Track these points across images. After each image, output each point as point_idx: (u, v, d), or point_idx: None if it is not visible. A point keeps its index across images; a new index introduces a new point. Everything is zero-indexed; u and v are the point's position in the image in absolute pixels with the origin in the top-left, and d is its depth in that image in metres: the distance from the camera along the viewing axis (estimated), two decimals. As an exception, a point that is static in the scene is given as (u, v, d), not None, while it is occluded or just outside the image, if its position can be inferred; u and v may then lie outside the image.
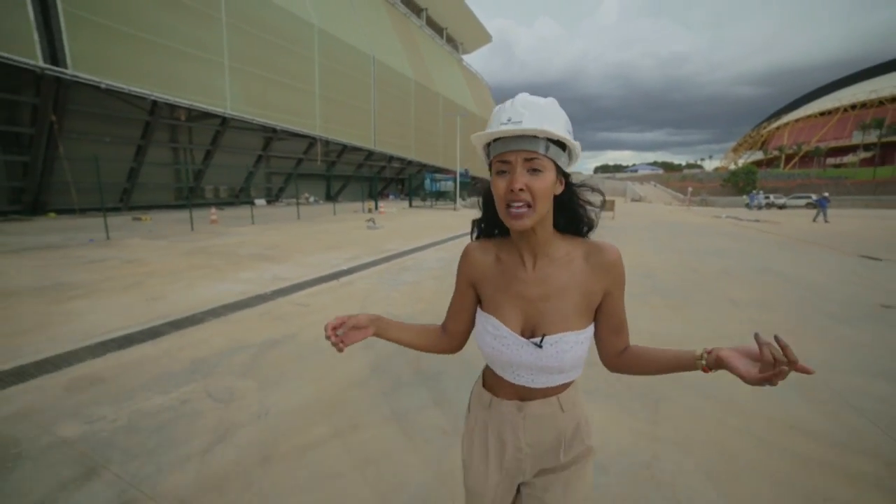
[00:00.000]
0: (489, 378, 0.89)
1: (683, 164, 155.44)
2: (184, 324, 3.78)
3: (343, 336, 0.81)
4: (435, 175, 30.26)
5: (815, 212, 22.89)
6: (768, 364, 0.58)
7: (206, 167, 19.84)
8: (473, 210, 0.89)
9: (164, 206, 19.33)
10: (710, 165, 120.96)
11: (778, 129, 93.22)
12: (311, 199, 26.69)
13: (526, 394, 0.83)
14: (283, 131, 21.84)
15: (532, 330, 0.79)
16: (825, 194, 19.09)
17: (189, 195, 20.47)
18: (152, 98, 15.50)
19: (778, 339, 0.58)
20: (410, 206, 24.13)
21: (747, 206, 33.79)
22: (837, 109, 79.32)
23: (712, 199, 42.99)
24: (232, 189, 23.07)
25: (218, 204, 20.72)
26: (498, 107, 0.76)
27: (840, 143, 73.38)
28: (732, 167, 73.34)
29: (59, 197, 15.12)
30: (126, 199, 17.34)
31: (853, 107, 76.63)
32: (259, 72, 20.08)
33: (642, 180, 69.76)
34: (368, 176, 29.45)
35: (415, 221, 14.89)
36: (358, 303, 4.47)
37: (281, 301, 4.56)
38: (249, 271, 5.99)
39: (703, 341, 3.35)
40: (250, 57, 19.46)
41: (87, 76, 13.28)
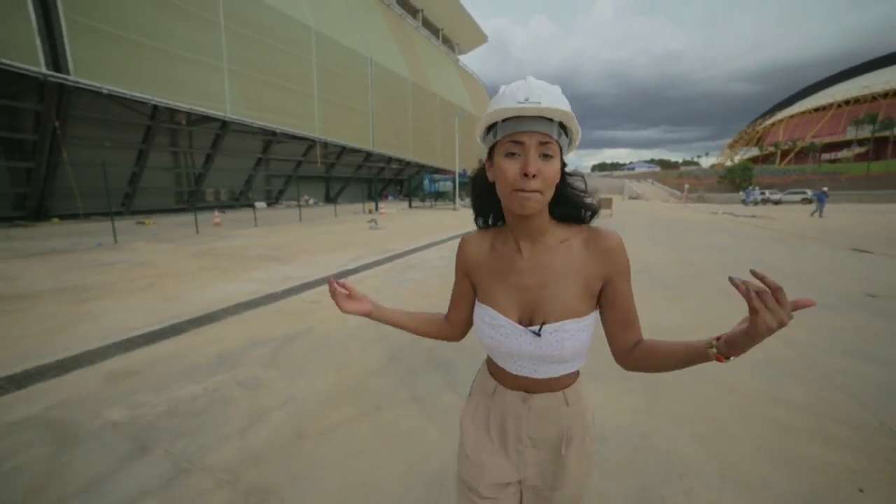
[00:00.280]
0: (493, 367, 0.88)
1: (680, 161, 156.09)
2: (202, 321, 3.97)
3: (342, 297, 0.88)
4: (434, 175, 30.47)
5: (811, 207, 23.16)
6: (756, 304, 0.53)
7: (206, 171, 19.98)
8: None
9: (166, 210, 19.46)
10: (706, 162, 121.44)
11: (773, 125, 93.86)
12: (311, 202, 26.85)
13: (530, 385, 0.81)
14: (283, 134, 21.99)
15: (530, 318, 0.77)
16: (824, 189, 19.24)
17: (190, 199, 20.69)
18: (153, 103, 15.62)
19: (753, 272, 0.55)
20: (410, 206, 24.30)
21: (743, 202, 34.16)
22: (831, 105, 79.97)
23: (709, 195, 43.33)
24: (232, 192, 23.21)
25: (218, 207, 20.86)
26: (506, 86, 0.71)
27: (834, 138, 73.94)
28: (729, 164, 73.74)
29: (61, 202, 15.24)
30: (128, 203, 17.48)
31: (847, 102, 77.28)
32: (258, 75, 20.23)
33: (639, 178, 70.13)
34: (367, 177, 29.63)
35: (416, 222, 15.07)
36: (368, 299, 4.65)
37: (292, 299, 4.74)
38: (258, 272, 6.17)
39: (699, 330, 3.55)
40: (249, 60, 19.62)
41: (88, 82, 13.41)
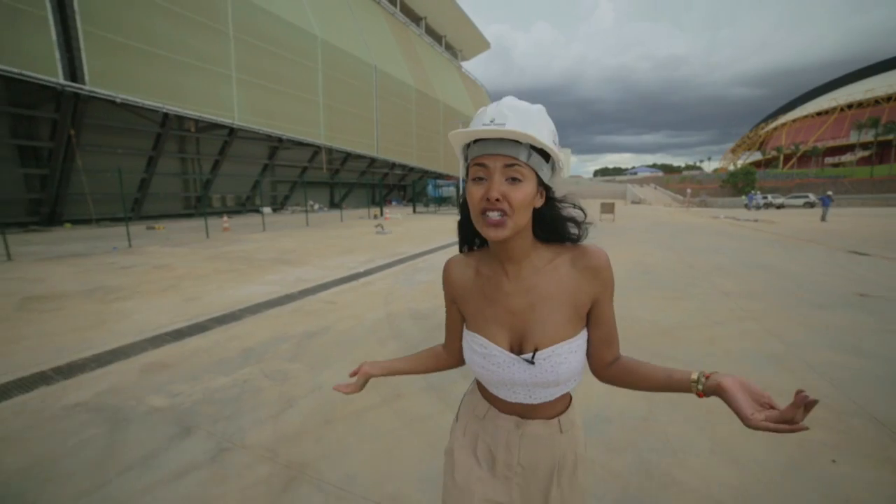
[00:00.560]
0: (486, 389, 0.84)
1: (682, 165, 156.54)
2: (225, 320, 4.18)
3: (348, 386, 0.93)
4: (437, 181, 30.76)
5: (814, 211, 23.20)
6: (784, 419, 0.53)
7: (214, 176, 20.36)
8: None
9: (174, 216, 19.83)
10: (709, 167, 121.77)
11: (776, 129, 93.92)
12: (316, 207, 27.17)
13: (525, 411, 0.78)
14: (289, 140, 22.38)
15: (521, 344, 0.74)
16: (828, 193, 19.34)
17: (197, 204, 21.05)
18: (164, 110, 16.03)
19: (809, 402, 0.52)
20: (414, 211, 24.56)
21: (746, 206, 34.25)
22: (834, 109, 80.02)
23: (711, 200, 43.43)
24: (239, 197, 23.59)
25: (225, 212, 21.20)
26: (482, 108, 0.71)
27: (837, 142, 73.99)
28: (731, 168, 73.87)
29: (73, 208, 15.61)
30: (137, 209, 17.83)
31: (849, 106, 77.34)
32: (265, 83, 20.66)
33: (642, 182, 70.28)
34: (372, 183, 29.98)
35: (421, 226, 15.31)
36: (381, 299, 4.86)
37: (309, 299, 4.95)
38: (273, 274, 6.40)
39: (697, 328, 3.73)
40: (256, 69, 20.06)
41: (103, 91, 13.82)
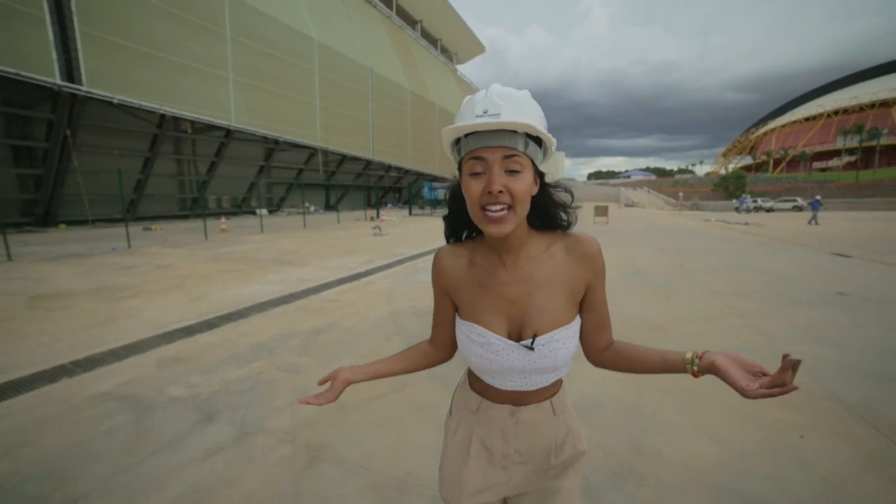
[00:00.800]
0: (476, 382, 0.84)
1: (675, 169, 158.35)
2: (233, 317, 4.31)
3: (322, 396, 0.80)
4: (433, 183, 30.96)
5: (802, 214, 23.74)
6: (776, 384, 0.56)
7: (210, 178, 20.36)
8: None
9: (169, 217, 19.80)
10: (701, 170, 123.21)
11: (765, 134, 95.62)
12: (312, 209, 27.22)
13: (519, 398, 0.79)
14: (285, 142, 22.46)
15: (519, 331, 0.75)
16: (817, 197, 19.87)
17: (193, 206, 21.02)
18: (161, 112, 16.06)
19: (794, 363, 0.55)
20: (410, 213, 24.72)
21: (737, 209, 34.93)
22: (821, 115, 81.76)
23: (703, 203, 44.13)
24: (234, 199, 23.60)
25: (220, 214, 21.20)
26: (469, 97, 0.68)
27: (825, 147, 75.48)
28: (723, 172, 74.99)
29: (68, 209, 15.56)
30: (133, 210, 17.80)
31: (836, 112, 79.05)
32: (262, 85, 20.75)
33: (635, 186, 71.13)
34: (367, 185, 30.09)
35: (418, 228, 15.47)
36: (383, 298, 5.02)
37: (312, 298, 5.09)
38: (275, 274, 6.52)
39: (685, 323, 3.94)
40: (254, 71, 20.15)
41: (100, 92, 13.84)
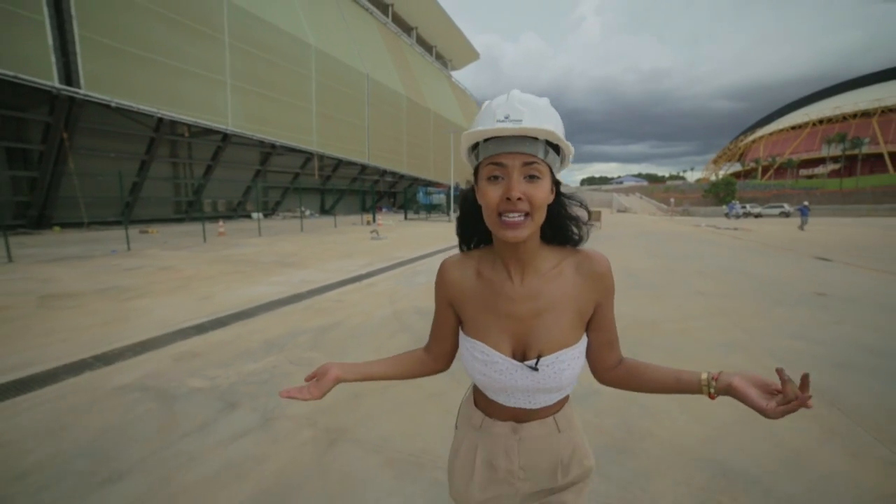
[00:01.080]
0: (480, 398, 0.82)
1: (667, 175, 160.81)
2: (241, 316, 4.45)
3: (307, 390, 0.76)
4: (428, 189, 31.17)
5: (789, 220, 24.32)
6: (788, 399, 0.57)
7: (206, 182, 20.38)
8: None
9: (165, 220, 19.76)
10: (692, 177, 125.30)
11: (754, 141, 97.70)
12: (308, 213, 27.27)
13: (522, 415, 0.77)
14: (282, 147, 22.56)
15: (524, 351, 0.73)
16: (805, 203, 20.39)
17: (188, 209, 21.00)
18: (158, 115, 16.10)
19: (804, 377, 0.56)
20: (406, 218, 24.90)
21: (726, 215, 35.70)
22: (807, 124, 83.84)
23: (694, 209, 44.94)
24: (230, 203, 23.59)
25: (216, 217, 21.19)
26: (488, 102, 0.68)
27: (810, 155, 77.38)
28: (713, 178, 76.36)
29: (62, 211, 15.49)
30: (128, 213, 17.75)
31: (820, 121, 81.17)
32: (259, 90, 20.88)
33: (627, 192, 72.09)
34: (363, 189, 30.24)
35: (414, 233, 15.65)
36: (386, 298, 5.18)
37: (317, 298, 5.24)
38: (278, 276, 6.65)
39: (674, 321, 4.16)
40: (251, 76, 20.29)
41: (98, 95, 13.88)
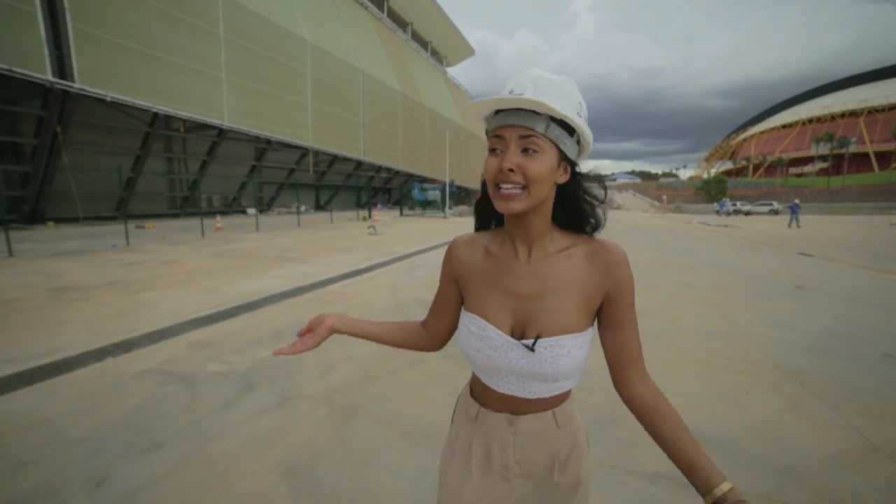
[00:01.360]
0: (477, 388, 0.82)
1: (660, 173, 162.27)
2: (249, 308, 4.60)
3: (303, 342, 0.76)
4: (423, 184, 31.23)
5: (778, 217, 24.83)
6: None
7: (201, 177, 20.31)
8: (462, 218, 1.09)
9: (159, 215, 19.68)
10: (684, 174, 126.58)
11: (745, 140, 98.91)
12: (303, 209, 27.25)
13: (518, 406, 0.76)
14: (277, 142, 22.53)
15: (523, 330, 0.71)
16: (796, 201, 20.90)
17: (183, 204, 20.92)
18: (154, 110, 16.03)
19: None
20: (401, 214, 25.02)
21: (717, 212, 36.29)
22: (797, 123, 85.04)
23: (686, 206, 45.57)
24: (225, 198, 23.52)
25: (211, 213, 21.14)
26: (508, 79, 0.68)
27: (800, 153, 78.58)
28: (705, 176, 77.27)
29: (56, 206, 15.40)
30: (123, 208, 17.67)
31: (810, 121, 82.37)
32: (254, 85, 20.81)
33: (621, 189, 72.76)
34: (358, 186, 30.26)
35: (410, 228, 15.80)
36: (387, 291, 5.36)
37: (320, 291, 5.41)
38: (280, 270, 6.79)
39: (662, 311, 4.39)
40: (246, 71, 20.21)
41: (92, 89, 13.80)
